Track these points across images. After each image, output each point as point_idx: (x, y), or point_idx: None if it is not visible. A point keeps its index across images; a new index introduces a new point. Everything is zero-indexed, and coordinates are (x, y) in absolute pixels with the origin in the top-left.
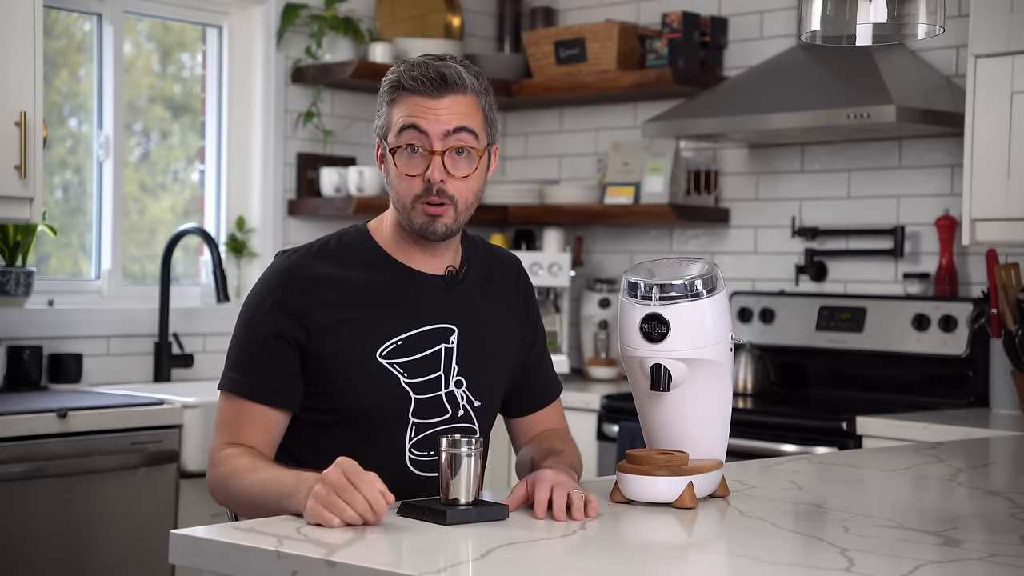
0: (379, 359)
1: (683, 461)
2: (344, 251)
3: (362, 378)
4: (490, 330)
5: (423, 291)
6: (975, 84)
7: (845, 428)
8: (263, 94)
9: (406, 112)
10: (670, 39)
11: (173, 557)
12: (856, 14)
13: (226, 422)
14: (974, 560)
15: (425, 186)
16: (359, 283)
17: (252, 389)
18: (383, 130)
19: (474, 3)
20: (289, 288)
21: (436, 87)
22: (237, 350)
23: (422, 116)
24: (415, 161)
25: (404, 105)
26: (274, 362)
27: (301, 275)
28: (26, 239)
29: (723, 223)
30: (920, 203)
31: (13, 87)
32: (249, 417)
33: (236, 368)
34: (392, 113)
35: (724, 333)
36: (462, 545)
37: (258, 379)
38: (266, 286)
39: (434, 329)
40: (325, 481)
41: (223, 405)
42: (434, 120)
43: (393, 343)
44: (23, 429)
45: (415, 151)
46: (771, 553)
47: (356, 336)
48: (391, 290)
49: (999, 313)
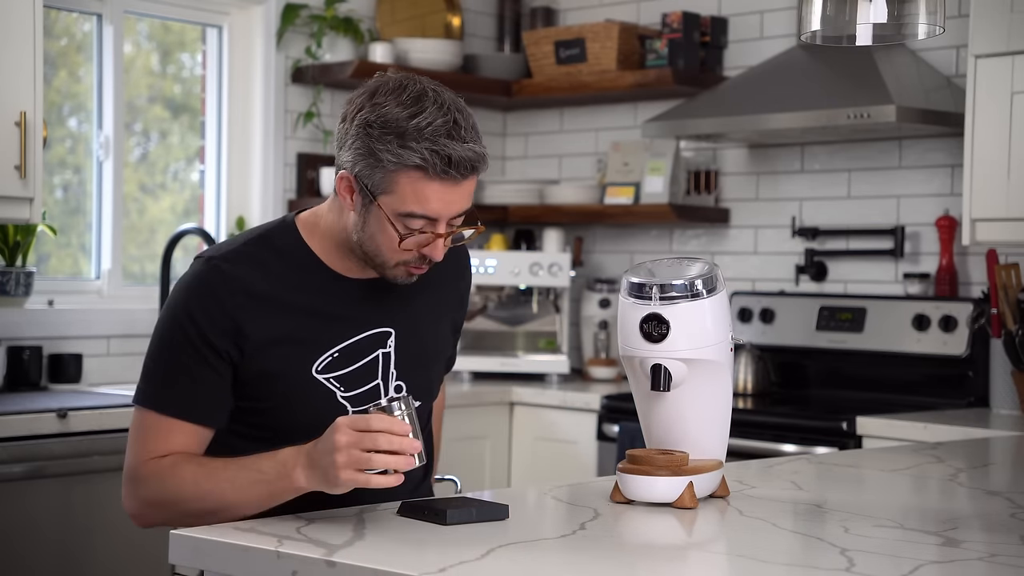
0: (315, 375)
1: (683, 461)
2: (275, 257)
3: (297, 396)
4: (429, 322)
5: (359, 297)
6: (975, 84)
7: (845, 428)
8: (263, 94)
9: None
10: (670, 39)
11: (173, 557)
12: (856, 14)
13: (147, 438)
14: (974, 560)
15: (418, 256)
16: (292, 294)
17: (178, 406)
18: (375, 186)
19: (474, 3)
20: (219, 299)
21: (464, 174)
22: (159, 361)
23: (440, 208)
24: (416, 238)
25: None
26: (203, 376)
27: (232, 287)
28: (26, 239)
29: (723, 223)
30: (920, 203)
31: (13, 87)
32: (173, 432)
33: (158, 382)
34: (398, 183)
35: (724, 333)
36: (462, 545)
37: (184, 394)
38: (192, 295)
39: (371, 335)
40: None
41: (142, 421)
42: (446, 207)
43: (329, 356)
44: (23, 429)
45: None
46: (771, 553)
47: (291, 352)
48: (326, 300)
49: (999, 313)
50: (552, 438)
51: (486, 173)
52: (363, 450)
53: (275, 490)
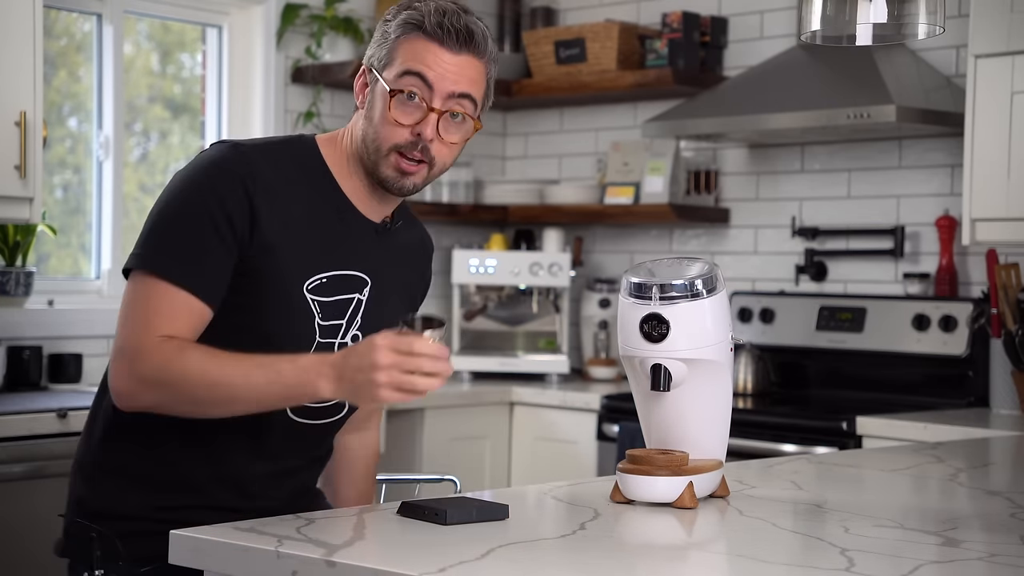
0: (304, 291)
1: (683, 461)
2: (296, 167)
3: (282, 305)
4: (393, 290)
5: (357, 234)
6: (975, 84)
7: (845, 428)
8: (263, 94)
9: (417, 57)
10: (670, 39)
11: (173, 557)
12: (856, 14)
13: (153, 311)
14: (974, 560)
15: (411, 139)
16: (303, 206)
17: (190, 277)
18: (380, 62)
19: (474, 3)
20: (243, 181)
21: (460, 42)
22: (173, 229)
23: (433, 67)
24: (409, 110)
25: (416, 48)
26: (217, 252)
27: (255, 174)
28: (26, 239)
29: (723, 223)
30: (920, 203)
31: (13, 87)
32: (181, 306)
33: (170, 250)
34: (398, 49)
35: (724, 333)
36: (462, 545)
37: (197, 267)
38: (216, 171)
39: (354, 276)
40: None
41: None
42: (443, 76)
43: (319, 279)
44: (23, 429)
45: (412, 99)
46: (771, 553)
47: (290, 259)
48: (332, 224)
49: (999, 313)
50: (552, 438)
51: (486, 173)
52: (405, 371)
53: (292, 394)
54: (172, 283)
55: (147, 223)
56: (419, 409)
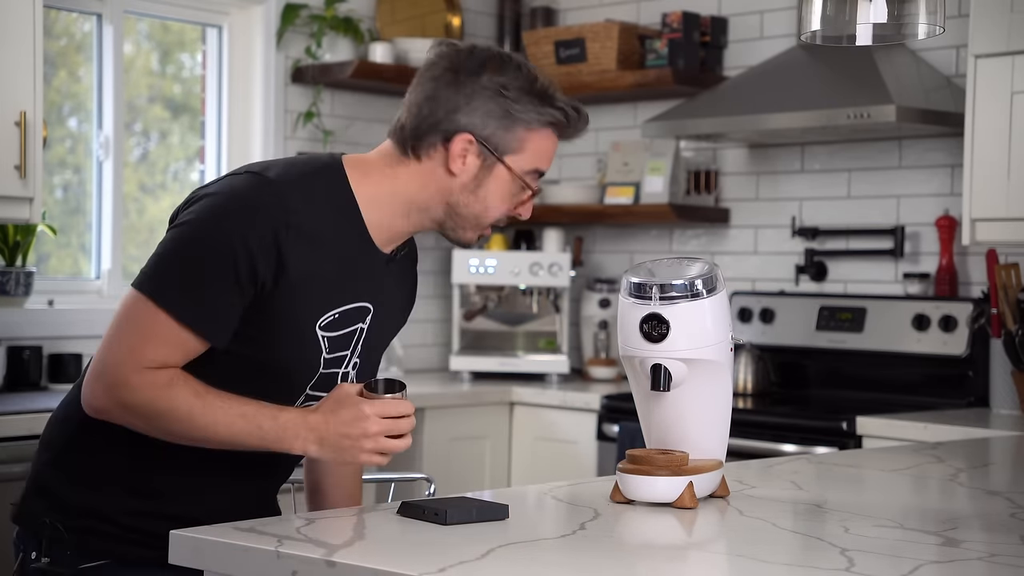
0: (317, 328)
1: (683, 461)
2: (324, 197)
3: (295, 342)
4: (393, 313)
5: (369, 267)
6: (975, 84)
7: (845, 428)
8: (263, 94)
9: (547, 156)
10: (670, 39)
11: (173, 557)
12: (856, 14)
13: (148, 341)
14: (974, 560)
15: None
16: (331, 240)
17: (196, 316)
18: (503, 146)
19: (474, 3)
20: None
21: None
22: (188, 263)
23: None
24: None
25: (549, 147)
26: (230, 294)
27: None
28: (26, 239)
29: (723, 223)
30: (920, 203)
31: (13, 87)
32: (178, 342)
33: (181, 284)
34: (531, 141)
35: (724, 333)
36: (462, 545)
37: (206, 306)
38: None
39: (359, 307)
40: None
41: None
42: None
43: (331, 315)
44: (23, 429)
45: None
46: (771, 553)
47: (307, 299)
48: (350, 260)
49: (999, 313)
50: (552, 438)
51: None
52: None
53: (270, 448)
54: (174, 319)
55: (163, 244)
56: (419, 409)
